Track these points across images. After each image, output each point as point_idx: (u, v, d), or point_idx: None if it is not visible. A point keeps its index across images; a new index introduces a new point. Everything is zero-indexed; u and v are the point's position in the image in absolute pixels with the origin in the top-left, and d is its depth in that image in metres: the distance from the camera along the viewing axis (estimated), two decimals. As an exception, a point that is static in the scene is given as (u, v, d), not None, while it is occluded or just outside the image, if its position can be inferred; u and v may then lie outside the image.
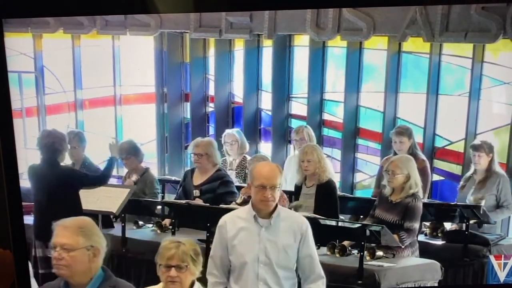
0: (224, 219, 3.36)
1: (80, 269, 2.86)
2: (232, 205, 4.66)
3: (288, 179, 5.05)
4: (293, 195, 4.70)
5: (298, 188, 4.68)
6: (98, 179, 4.65)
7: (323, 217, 4.32)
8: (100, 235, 2.96)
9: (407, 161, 4.39)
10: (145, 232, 4.84)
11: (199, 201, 4.73)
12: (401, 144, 4.90)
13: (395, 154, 4.83)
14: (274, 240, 3.27)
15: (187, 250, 3.02)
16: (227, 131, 5.38)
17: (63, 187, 4.42)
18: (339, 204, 4.63)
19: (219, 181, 4.79)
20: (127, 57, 5.98)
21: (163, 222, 4.79)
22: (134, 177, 5.00)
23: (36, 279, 4.47)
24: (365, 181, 5.63)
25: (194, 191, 4.78)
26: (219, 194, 4.74)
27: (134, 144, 5.15)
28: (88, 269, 2.88)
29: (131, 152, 5.08)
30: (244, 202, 4.65)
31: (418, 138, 5.17)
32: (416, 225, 4.31)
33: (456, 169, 5.29)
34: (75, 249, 2.85)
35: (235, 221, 3.32)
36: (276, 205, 3.28)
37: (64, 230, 2.89)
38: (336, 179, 5.21)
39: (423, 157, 4.95)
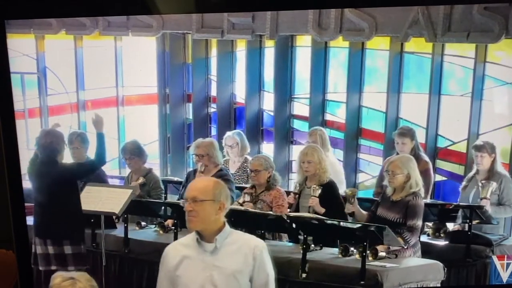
0: (167, 248, 3.00)
1: None
2: (233, 206, 4.66)
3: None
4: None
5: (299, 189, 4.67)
6: (95, 161, 4.63)
7: (325, 218, 4.32)
8: None
9: (407, 161, 4.38)
10: (147, 233, 4.84)
11: None
12: (403, 145, 4.90)
13: (398, 155, 4.83)
14: (221, 266, 2.87)
15: None
16: (228, 133, 5.37)
17: (62, 185, 4.43)
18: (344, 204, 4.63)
19: (219, 179, 4.79)
20: (130, 58, 5.99)
21: (166, 223, 4.80)
22: (140, 180, 4.99)
23: (37, 276, 4.49)
24: (367, 181, 5.63)
25: None
26: None
27: (138, 144, 5.13)
28: None
29: (135, 153, 5.07)
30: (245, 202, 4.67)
31: (421, 138, 5.17)
32: (419, 223, 4.30)
33: (458, 169, 5.28)
34: None
35: (178, 249, 2.95)
36: (224, 225, 2.91)
37: None
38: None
39: (426, 158, 4.95)
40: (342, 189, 4.96)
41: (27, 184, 4.48)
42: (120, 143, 5.81)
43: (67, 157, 4.75)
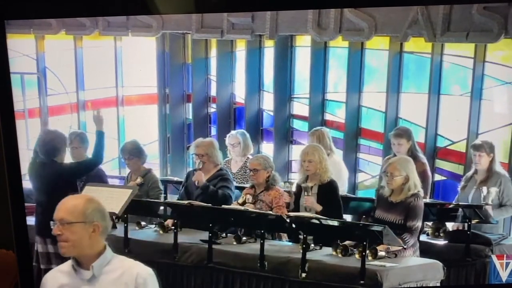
0: (45, 276, 2.75)
1: None
2: (233, 206, 4.67)
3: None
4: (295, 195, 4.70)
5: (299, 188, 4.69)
6: (92, 159, 4.65)
7: (325, 217, 4.32)
8: None
9: (405, 163, 4.38)
10: (147, 232, 4.85)
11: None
12: (400, 146, 4.89)
13: (395, 155, 4.83)
14: None
15: None
16: (232, 132, 5.38)
17: (61, 185, 4.43)
18: (342, 204, 4.64)
19: (219, 178, 4.81)
20: (129, 58, 5.99)
21: (166, 223, 4.80)
22: (139, 180, 5.00)
23: (37, 276, 4.49)
24: (367, 181, 5.63)
25: (196, 190, 4.80)
26: (217, 188, 4.76)
27: (138, 145, 5.13)
28: None
29: (134, 153, 5.07)
30: (245, 203, 4.67)
31: (420, 138, 5.18)
32: (419, 224, 4.31)
33: (458, 169, 5.28)
34: None
35: (57, 277, 2.69)
36: (105, 250, 2.67)
37: None
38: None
39: (423, 159, 4.94)
40: (345, 190, 5.03)
41: (27, 184, 4.48)
42: (120, 143, 5.81)
43: (66, 157, 4.75)
